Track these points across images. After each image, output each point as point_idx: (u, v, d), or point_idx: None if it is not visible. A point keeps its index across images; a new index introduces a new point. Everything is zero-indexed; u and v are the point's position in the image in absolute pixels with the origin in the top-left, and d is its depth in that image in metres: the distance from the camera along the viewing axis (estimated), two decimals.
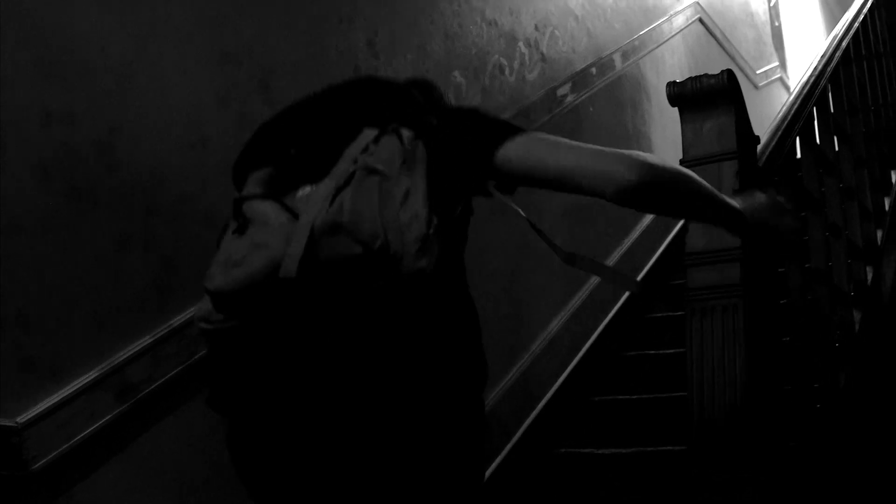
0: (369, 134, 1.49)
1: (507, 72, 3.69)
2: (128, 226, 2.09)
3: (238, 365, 1.47)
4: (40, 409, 1.86)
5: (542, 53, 3.95)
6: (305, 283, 1.35)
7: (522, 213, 1.59)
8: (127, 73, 2.16)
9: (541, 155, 1.45)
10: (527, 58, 3.85)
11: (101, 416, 1.96)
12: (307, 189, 1.46)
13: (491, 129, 1.50)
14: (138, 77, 2.18)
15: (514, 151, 1.44)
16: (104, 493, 1.96)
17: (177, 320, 2.16)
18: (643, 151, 1.70)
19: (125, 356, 2.03)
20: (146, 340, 2.08)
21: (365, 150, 1.46)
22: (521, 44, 3.82)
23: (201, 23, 2.37)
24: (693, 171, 1.84)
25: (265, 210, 1.44)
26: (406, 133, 1.47)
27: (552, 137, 1.49)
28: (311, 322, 1.39)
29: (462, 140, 1.48)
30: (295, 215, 1.42)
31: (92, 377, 1.95)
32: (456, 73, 3.38)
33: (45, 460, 1.84)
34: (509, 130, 1.48)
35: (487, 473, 2.98)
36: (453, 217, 1.49)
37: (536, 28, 4.00)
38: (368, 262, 1.34)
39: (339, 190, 1.40)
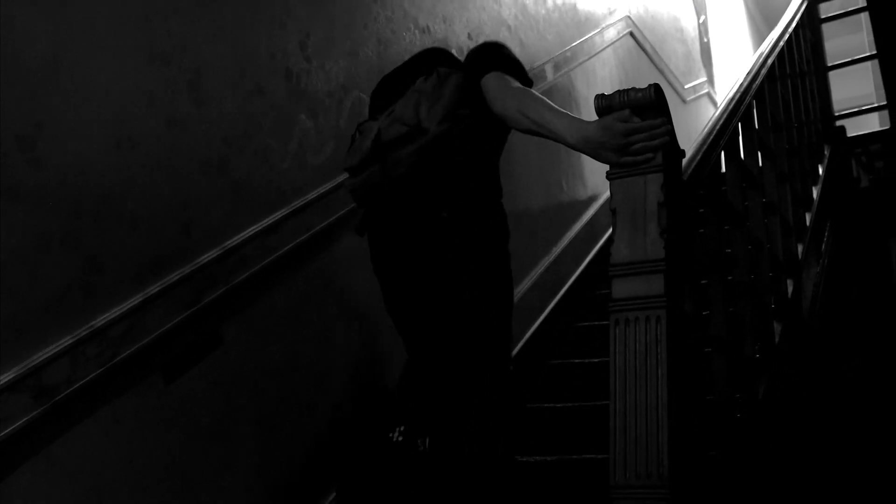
0: (421, 79, 2.44)
1: None
2: (50, 224, 2.05)
3: (371, 208, 2.50)
4: None
5: None
6: (381, 157, 2.36)
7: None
8: (54, 69, 2.12)
9: (489, 91, 2.30)
10: None
11: (17, 418, 1.91)
12: None
13: (482, 61, 2.39)
14: (65, 73, 2.15)
15: (485, 84, 2.33)
16: (20, 496, 1.91)
17: (99, 321, 2.12)
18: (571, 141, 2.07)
19: (43, 357, 1.98)
20: (66, 341, 2.04)
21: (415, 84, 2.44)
22: (454, 51, 3.83)
23: (131, 21, 2.34)
24: (619, 182, 1.89)
25: (370, 125, 2.45)
26: (442, 70, 2.42)
27: (504, 81, 2.31)
28: (398, 177, 2.35)
29: (468, 69, 2.42)
30: None
31: (7, 379, 1.91)
32: None
33: None
34: (490, 65, 2.36)
35: None
36: (486, 117, 2.31)
37: (469, 36, 4.02)
38: (411, 135, 2.32)
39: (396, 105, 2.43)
